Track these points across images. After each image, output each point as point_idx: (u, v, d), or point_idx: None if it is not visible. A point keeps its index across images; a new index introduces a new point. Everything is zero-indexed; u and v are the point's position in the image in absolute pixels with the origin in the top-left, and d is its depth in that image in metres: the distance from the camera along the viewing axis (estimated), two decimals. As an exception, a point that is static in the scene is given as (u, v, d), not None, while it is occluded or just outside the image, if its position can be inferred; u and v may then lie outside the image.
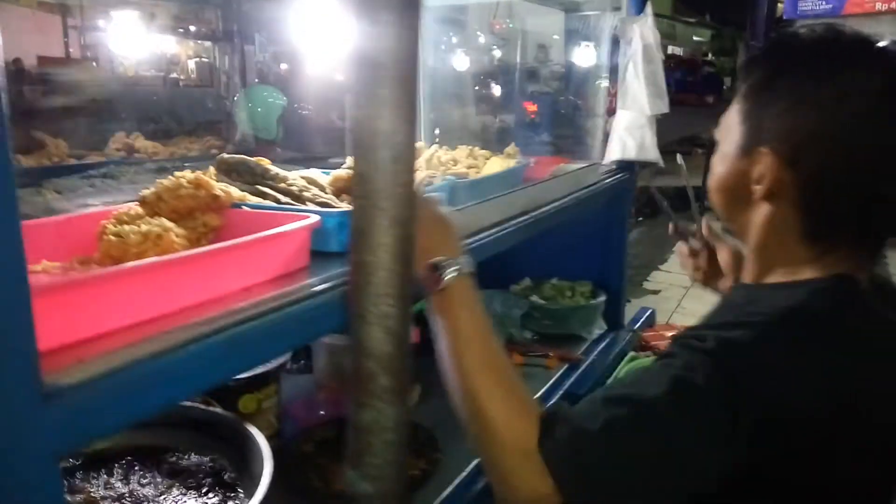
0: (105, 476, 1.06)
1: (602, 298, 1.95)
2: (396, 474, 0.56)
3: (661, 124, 1.84)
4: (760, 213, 0.87)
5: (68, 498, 0.99)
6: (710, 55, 26.96)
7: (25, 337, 0.49)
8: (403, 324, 0.54)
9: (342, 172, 1.12)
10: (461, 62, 3.12)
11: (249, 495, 0.98)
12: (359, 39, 0.48)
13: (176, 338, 0.62)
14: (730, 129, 0.89)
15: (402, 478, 0.57)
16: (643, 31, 1.75)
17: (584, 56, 2.52)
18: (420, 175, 1.13)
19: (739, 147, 0.87)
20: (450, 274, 0.82)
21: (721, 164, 0.90)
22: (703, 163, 7.95)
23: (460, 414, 0.80)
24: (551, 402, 0.81)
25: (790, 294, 0.81)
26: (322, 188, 1.10)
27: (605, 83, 2.05)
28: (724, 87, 20.46)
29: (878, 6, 6.79)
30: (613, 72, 1.94)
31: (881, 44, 0.81)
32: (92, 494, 1.01)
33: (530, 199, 1.28)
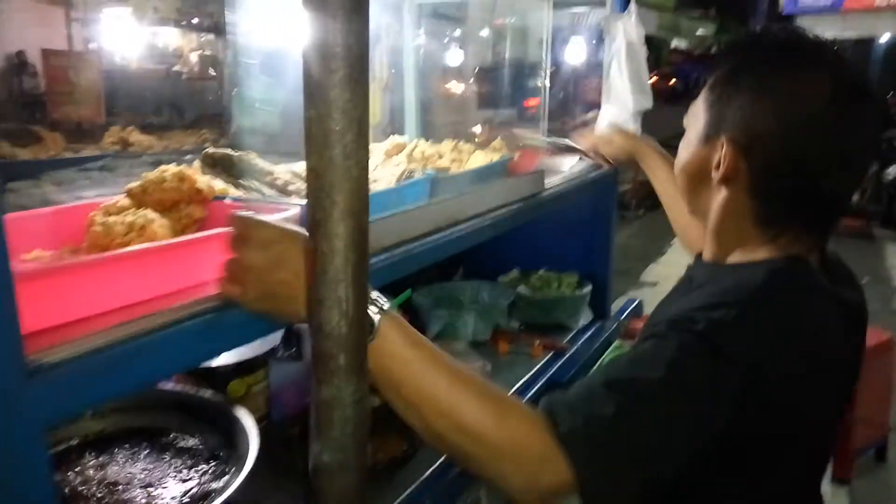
0: (99, 456, 1.12)
1: (588, 289, 1.99)
2: (355, 446, 0.60)
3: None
4: (719, 196, 0.93)
5: (64, 478, 1.04)
6: (713, 49, 26.91)
7: (9, 320, 0.53)
8: (358, 307, 0.58)
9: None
10: (458, 58, 3.14)
11: (237, 474, 1.04)
12: (309, 42, 0.52)
13: (154, 322, 0.67)
14: (696, 117, 0.95)
15: (361, 450, 0.61)
16: (627, 28, 1.79)
17: (578, 52, 2.57)
18: (400, 168, 1.17)
19: (703, 134, 0.93)
20: (374, 317, 0.72)
21: (686, 149, 0.97)
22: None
23: (453, 450, 0.77)
24: (543, 397, 0.80)
25: (751, 274, 0.87)
26: (299, 178, 1.15)
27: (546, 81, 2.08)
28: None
29: (878, 2, 6.78)
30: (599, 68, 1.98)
31: (838, 50, 0.88)
32: (87, 474, 1.07)
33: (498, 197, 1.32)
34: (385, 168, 1.25)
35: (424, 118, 2.18)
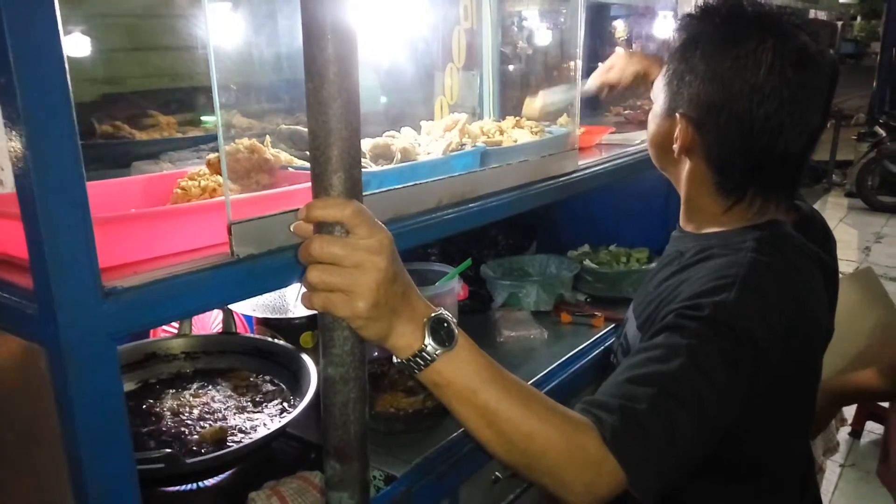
0: (189, 390, 1.32)
1: (655, 264, 2.00)
2: (353, 362, 0.72)
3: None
4: (684, 167, 1.01)
5: (157, 409, 1.24)
6: (858, 18, 25.04)
7: (89, 255, 0.68)
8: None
9: (379, 140, 1.29)
10: (541, 39, 3.14)
11: (295, 408, 1.20)
12: (304, 25, 0.64)
13: (205, 263, 0.82)
14: (660, 92, 1.01)
15: (359, 365, 0.73)
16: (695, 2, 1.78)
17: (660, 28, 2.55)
18: (446, 141, 1.28)
19: (663, 109, 1.00)
20: (455, 329, 0.74)
21: (653, 122, 1.05)
22: (832, 136, 7.42)
23: (517, 456, 0.77)
24: (581, 402, 0.84)
25: (738, 245, 0.92)
26: (363, 154, 1.28)
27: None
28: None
29: None
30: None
31: (783, 17, 0.91)
32: (181, 400, 1.27)
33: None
34: (439, 142, 1.35)
35: (503, 98, 2.26)
